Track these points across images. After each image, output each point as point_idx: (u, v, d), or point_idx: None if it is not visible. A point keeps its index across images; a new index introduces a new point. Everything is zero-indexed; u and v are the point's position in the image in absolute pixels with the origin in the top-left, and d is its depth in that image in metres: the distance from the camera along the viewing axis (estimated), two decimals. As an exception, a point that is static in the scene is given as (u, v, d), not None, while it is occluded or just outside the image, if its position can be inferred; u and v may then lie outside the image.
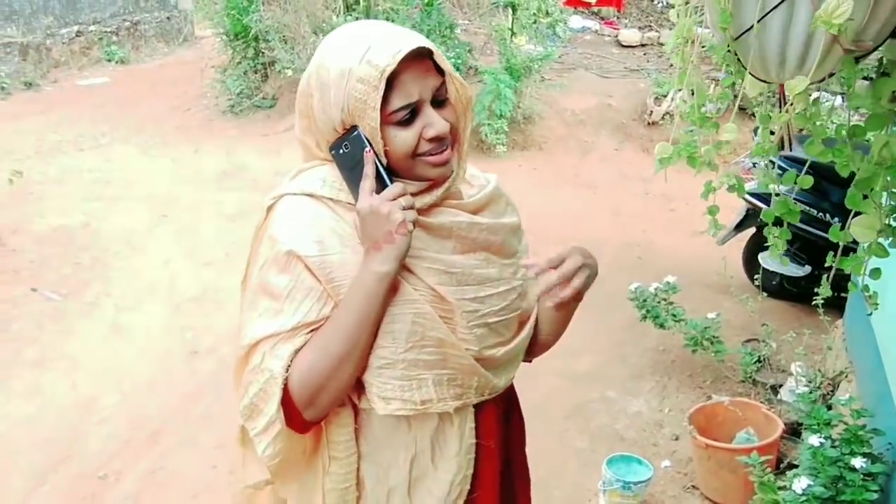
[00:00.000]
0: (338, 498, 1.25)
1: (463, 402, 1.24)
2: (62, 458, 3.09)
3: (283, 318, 1.16)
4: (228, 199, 5.92)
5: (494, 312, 1.25)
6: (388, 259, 1.13)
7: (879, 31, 1.13)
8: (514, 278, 1.30)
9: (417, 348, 1.18)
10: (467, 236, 1.23)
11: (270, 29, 7.81)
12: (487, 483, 1.33)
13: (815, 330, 3.36)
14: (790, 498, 2.23)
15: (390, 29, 1.17)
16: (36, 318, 4.14)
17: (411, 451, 1.25)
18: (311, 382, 1.14)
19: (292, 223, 1.19)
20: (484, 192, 1.29)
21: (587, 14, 10.51)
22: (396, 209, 1.12)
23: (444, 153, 1.18)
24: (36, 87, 8.95)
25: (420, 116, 1.15)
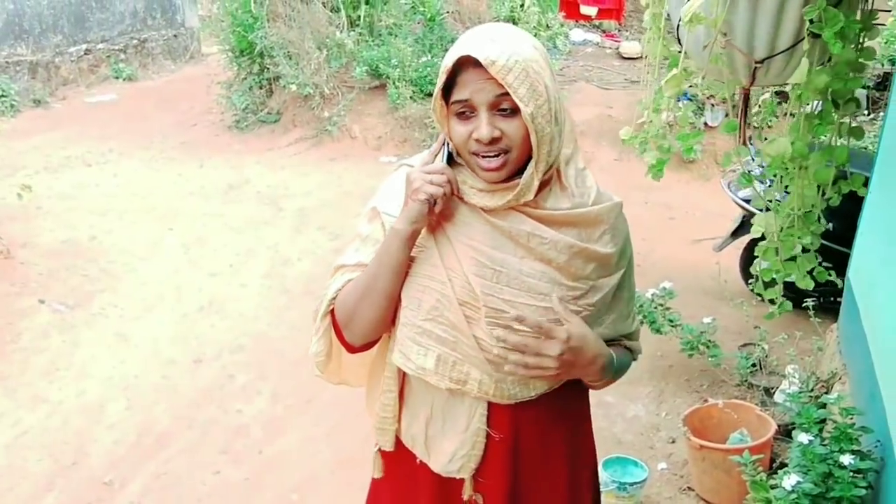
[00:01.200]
0: (381, 423, 1.44)
1: (462, 389, 1.32)
2: (69, 464, 3.15)
3: (352, 255, 1.41)
4: (233, 212, 6.01)
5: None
6: (401, 219, 1.30)
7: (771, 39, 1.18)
8: (570, 301, 1.31)
9: (434, 322, 1.31)
10: (525, 244, 1.29)
11: (275, 45, 7.92)
12: (500, 474, 1.39)
13: (808, 333, 3.40)
14: (780, 495, 2.27)
15: (487, 34, 1.25)
16: (44, 328, 4.21)
17: (427, 412, 1.40)
18: (342, 307, 1.38)
19: (388, 187, 1.42)
20: (576, 211, 1.32)
21: (588, 27, 10.61)
22: (420, 178, 1.28)
23: (494, 161, 1.26)
24: (45, 105, 9.08)
25: (476, 117, 1.26)
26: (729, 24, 1.19)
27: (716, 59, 1.25)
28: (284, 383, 3.72)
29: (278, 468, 3.13)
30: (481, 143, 1.25)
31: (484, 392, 1.32)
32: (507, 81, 1.20)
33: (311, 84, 7.79)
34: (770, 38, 1.22)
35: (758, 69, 1.19)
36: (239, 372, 3.84)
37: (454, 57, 1.24)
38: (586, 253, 1.31)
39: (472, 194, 1.31)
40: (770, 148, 1.32)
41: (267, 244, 5.39)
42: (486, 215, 1.30)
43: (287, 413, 3.51)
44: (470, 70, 1.23)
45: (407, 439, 1.43)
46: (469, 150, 1.28)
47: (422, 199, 1.27)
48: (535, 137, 1.24)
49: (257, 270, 4.99)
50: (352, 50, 8.04)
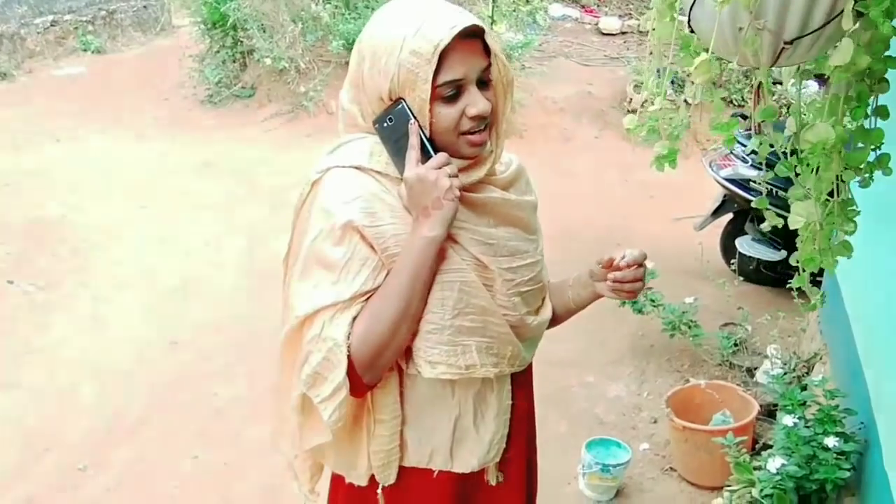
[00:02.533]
0: (383, 458, 1.30)
1: (499, 370, 1.30)
2: (42, 450, 3.07)
3: (341, 288, 1.19)
4: (207, 190, 5.88)
5: (525, 282, 1.32)
6: (436, 224, 1.19)
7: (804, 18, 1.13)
8: (537, 252, 1.38)
9: (462, 315, 1.24)
10: (500, 211, 1.31)
11: (249, 17, 7.73)
12: (518, 442, 1.41)
13: (790, 313, 3.41)
14: (765, 477, 2.28)
15: (445, 5, 1.21)
16: (13, 310, 4.10)
17: (454, 413, 1.31)
18: (369, 348, 1.19)
19: (345, 195, 1.22)
20: (511, 170, 1.37)
21: (567, 2, 10.51)
22: (443, 176, 1.18)
23: (482, 134, 1.24)
24: (10, 78, 8.80)
25: (464, 95, 1.20)
26: (761, 3, 1.13)
27: (749, 41, 1.18)
28: (262, 365, 3.65)
29: (258, 453, 3.07)
30: (476, 119, 1.20)
31: (518, 364, 1.34)
32: (494, 49, 1.21)
33: (286, 58, 7.63)
34: (803, 17, 1.16)
35: (784, 50, 1.14)
36: (215, 354, 3.77)
37: (451, 32, 1.14)
38: (532, 204, 1.39)
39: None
40: (810, 134, 1.27)
41: (242, 222, 5.29)
42: (465, 194, 1.26)
43: (265, 396, 3.44)
44: (458, 47, 1.17)
45: (421, 458, 1.33)
46: (460, 130, 1.22)
47: (457, 194, 1.20)
48: (508, 105, 1.27)
49: (233, 249, 4.90)
50: (328, 23, 7.88)
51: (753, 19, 1.09)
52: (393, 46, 1.17)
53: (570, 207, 5.70)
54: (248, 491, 2.87)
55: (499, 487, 1.40)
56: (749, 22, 1.10)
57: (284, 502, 2.81)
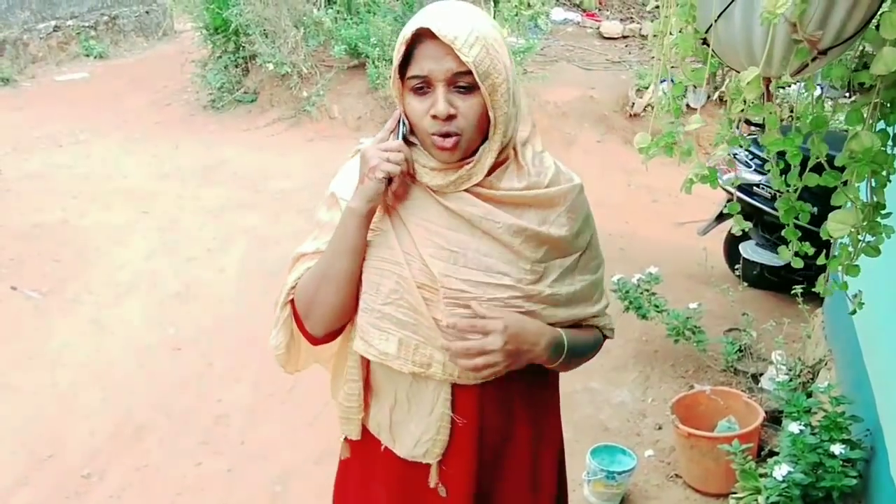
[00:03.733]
0: (345, 413, 1.42)
1: (426, 372, 1.30)
2: (45, 456, 3.06)
3: (310, 243, 1.38)
4: (210, 195, 5.88)
5: (483, 299, 1.27)
6: (357, 197, 1.28)
7: (841, 28, 1.13)
8: (528, 283, 1.29)
9: (395, 305, 1.29)
10: (479, 226, 1.27)
11: (251, 22, 7.75)
12: (459, 459, 1.37)
13: (794, 319, 3.40)
14: (771, 485, 2.26)
15: (447, 9, 1.21)
16: (15, 316, 4.09)
17: (391, 398, 1.38)
18: (299, 297, 1.35)
19: (346, 172, 1.39)
20: (532, 192, 1.29)
21: (569, 6, 10.53)
22: (376, 156, 1.25)
23: (448, 140, 1.22)
24: (13, 84, 8.83)
25: (430, 95, 1.21)
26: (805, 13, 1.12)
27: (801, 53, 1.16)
28: (265, 371, 3.65)
29: (260, 459, 3.07)
30: (437, 120, 1.21)
31: (449, 374, 1.30)
32: (468, 59, 1.17)
33: (288, 63, 7.64)
34: (840, 28, 1.15)
35: (816, 59, 1.13)
36: (218, 359, 3.76)
37: (413, 28, 1.19)
38: (538, 237, 1.29)
39: (424, 174, 1.29)
40: (855, 143, 1.26)
41: (245, 227, 5.29)
42: (440, 198, 1.28)
43: (268, 402, 3.45)
44: (428, 44, 1.19)
45: (373, 426, 1.42)
46: (426, 129, 1.24)
47: (379, 176, 1.24)
48: (493, 115, 1.22)
49: (235, 255, 4.89)
50: (330, 28, 7.89)
51: (802, 31, 1.07)
52: (400, 36, 1.23)
53: (573, 212, 5.70)
54: (251, 497, 2.86)
55: (447, 500, 1.38)
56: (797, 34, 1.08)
57: (288, 509, 2.81)
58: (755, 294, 4.18)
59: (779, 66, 1.16)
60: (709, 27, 1.23)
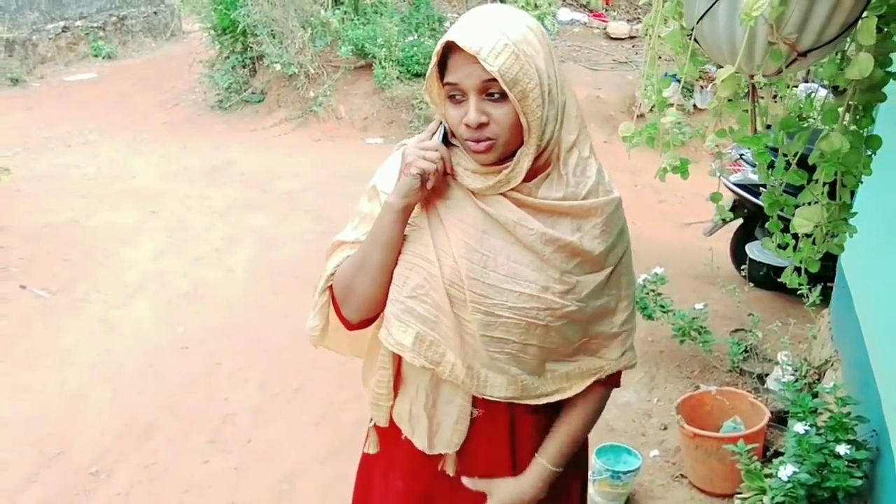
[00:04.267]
0: (374, 399, 1.46)
1: (436, 369, 1.33)
2: (53, 454, 3.09)
3: (350, 232, 1.42)
4: (217, 195, 5.91)
5: (505, 307, 1.28)
6: (394, 192, 1.31)
7: (820, 31, 1.14)
8: (555, 294, 1.29)
9: (418, 300, 1.32)
10: (513, 232, 1.28)
11: (258, 23, 7.78)
12: (478, 456, 1.41)
13: (801, 320, 3.40)
14: (776, 485, 2.26)
15: (481, 17, 1.23)
16: (25, 315, 4.12)
17: (413, 390, 1.42)
18: (339, 282, 1.40)
19: (388, 166, 1.41)
20: (566, 203, 1.29)
21: (576, 6, 10.52)
22: (414, 153, 1.28)
23: (481, 144, 1.25)
24: (22, 84, 8.89)
25: (465, 103, 1.24)
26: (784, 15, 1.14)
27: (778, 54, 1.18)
28: (272, 371, 3.67)
29: (267, 457, 3.09)
30: (469, 128, 1.24)
31: (455, 377, 1.32)
32: (493, 67, 1.17)
33: (295, 63, 7.67)
34: (820, 30, 1.17)
35: (796, 60, 1.15)
36: (226, 359, 3.78)
37: (442, 42, 1.23)
38: (571, 248, 1.29)
39: (465, 175, 1.31)
40: (825, 144, 1.28)
41: (252, 228, 5.31)
42: (478, 201, 1.29)
43: (275, 401, 3.47)
44: (458, 55, 1.21)
45: (396, 415, 1.46)
46: (461, 135, 1.27)
47: (414, 173, 1.27)
48: (525, 121, 1.22)
49: (243, 255, 4.92)
50: (337, 29, 7.92)
51: (778, 33, 1.09)
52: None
53: (579, 212, 5.71)
54: (258, 496, 2.88)
55: (469, 491, 1.43)
56: (773, 36, 1.10)
57: (295, 506, 2.82)
58: (761, 295, 4.18)
59: (760, 66, 1.17)
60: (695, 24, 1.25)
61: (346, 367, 3.72)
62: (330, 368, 3.65)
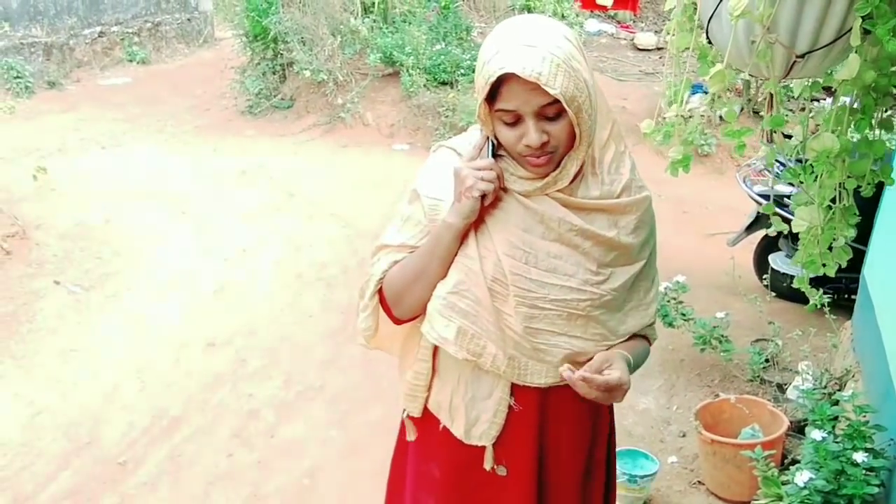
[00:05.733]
0: (410, 391, 1.52)
1: (478, 361, 1.38)
2: (83, 444, 3.18)
3: (395, 235, 1.47)
4: (246, 198, 6.02)
5: (547, 300, 1.35)
6: (454, 213, 1.36)
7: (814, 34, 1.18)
8: (592, 285, 1.36)
9: (459, 295, 1.38)
10: (556, 229, 1.35)
11: (289, 30, 7.91)
12: (516, 446, 1.45)
13: (822, 330, 3.39)
14: (792, 491, 2.27)
15: (525, 38, 1.24)
16: (59, 309, 4.24)
17: (455, 380, 1.47)
18: (391, 289, 1.46)
19: (428, 169, 1.47)
20: (604, 201, 1.36)
21: (603, 17, 10.55)
22: (472, 176, 1.32)
23: (541, 159, 1.32)
24: (59, 87, 9.10)
25: (521, 125, 1.29)
26: (774, 18, 1.19)
27: (762, 54, 1.24)
28: (296, 369, 3.75)
29: (290, 453, 3.15)
30: (531, 147, 1.29)
31: (496, 367, 1.38)
32: (556, 90, 1.22)
33: (324, 70, 7.79)
34: (814, 33, 1.22)
35: (796, 63, 1.20)
36: (251, 356, 3.86)
37: (496, 72, 1.23)
38: (609, 243, 1.37)
39: (513, 181, 1.37)
40: (816, 143, 1.33)
41: (279, 230, 5.41)
42: (522, 199, 1.36)
43: (298, 399, 3.53)
44: (515, 81, 1.24)
45: (433, 405, 1.51)
46: (518, 153, 1.33)
47: (475, 195, 1.32)
48: (579, 131, 1.29)
49: (270, 256, 5.01)
50: (366, 37, 8.03)
51: (766, 33, 1.14)
52: (480, 66, 1.30)
53: (603, 221, 5.73)
54: (280, 489, 2.94)
55: (504, 481, 1.48)
56: (762, 35, 1.15)
57: (315, 498, 2.88)
58: (784, 306, 4.17)
59: (768, 69, 1.21)
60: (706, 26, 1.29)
61: (367, 368, 3.80)
62: (352, 368, 3.71)
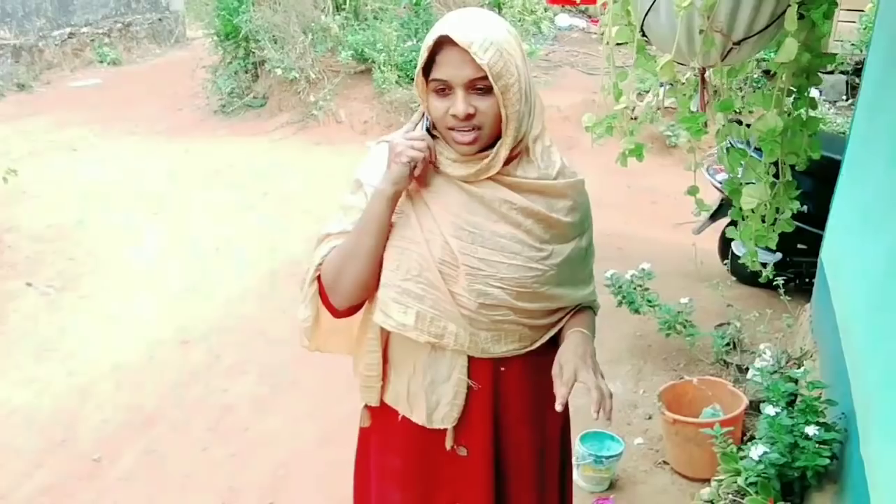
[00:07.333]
0: (364, 381, 1.56)
1: (440, 343, 1.44)
2: (59, 441, 3.20)
3: (336, 224, 1.50)
4: (219, 196, 6.04)
5: (497, 278, 1.41)
6: (384, 180, 1.40)
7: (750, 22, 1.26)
8: (536, 261, 1.43)
9: (414, 281, 1.42)
10: (498, 209, 1.41)
11: (261, 29, 7.92)
12: (476, 426, 1.51)
13: (780, 312, 3.49)
14: (749, 465, 2.36)
15: (465, 16, 1.34)
16: (32, 310, 4.24)
17: (410, 369, 1.52)
18: (328, 270, 1.48)
19: (370, 160, 1.51)
20: (542, 182, 1.44)
21: (574, 12, 10.65)
22: (402, 143, 1.38)
23: (467, 135, 1.36)
24: (29, 89, 9.03)
25: (451, 96, 1.34)
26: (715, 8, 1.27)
27: (708, 42, 1.32)
28: (270, 364, 3.78)
29: (265, 445, 3.19)
30: (457, 119, 1.35)
31: (460, 345, 1.44)
32: (484, 61, 1.29)
33: (296, 68, 7.80)
34: (750, 21, 1.29)
35: (732, 49, 1.28)
36: (225, 353, 3.89)
37: (434, 37, 1.32)
38: (548, 220, 1.45)
39: (447, 164, 1.43)
40: (760, 123, 1.41)
41: (253, 228, 5.43)
42: (462, 184, 1.42)
43: (273, 392, 3.57)
44: (449, 50, 1.32)
45: (390, 397, 1.55)
46: (445, 125, 1.37)
47: (404, 161, 1.37)
48: (506, 114, 1.35)
49: (243, 254, 5.03)
50: (337, 34, 8.06)
51: (709, 23, 1.21)
52: (426, 38, 1.36)
53: (573, 213, 5.81)
54: (254, 480, 2.98)
55: (465, 461, 1.53)
56: (708, 25, 1.22)
57: (290, 489, 2.93)
58: (748, 291, 4.28)
59: (705, 56, 1.29)
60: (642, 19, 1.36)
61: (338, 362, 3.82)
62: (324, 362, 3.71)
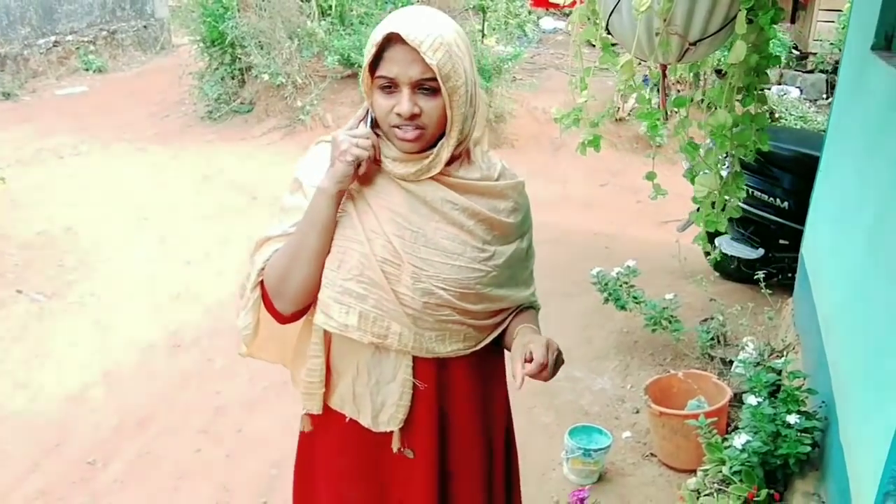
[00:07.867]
0: (306, 388, 1.51)
1: (384, 343, 1.42)
2: (51, 446, 3.22)
3: (278, 226, 1.46)
4: (207, 202, 6.06)
5: (440, 279, 1.40)
6: (327, 178, 1.38)
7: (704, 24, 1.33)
8: (479, 262, 1.43)
9: (355, 281, 1.40)
10: (440, 209, 1.40)
11: (246, 35, 7.94)
12: (422, 427, 1.50)
13: (763, 306, 3.56)
14: (732, 454, 2.42)
15: (416, 14, 1.32)
16: (22, 318, 4.25)
17: (353, 371, 1.49)
18: (272, 274, 1.44)
19: (308, 159, 1.49)
20: (484, 183, 1.44)
21: (559, 15, 10.74)
22: (346, 141, 1.36)
23: (410, 133, 1.35)
24: (14, 98, 9.01)
25: (397, 94, 1.33)
26: (672, 12, 1.34)
27: (664, 43, 1.39)
28: (262, 366, 3.77)
29: (257, 446, 3.23)
30: (401, 118, 1.34)
31: (404, 345, 1.42)
32: (432, 62, 1.29)
33: (283, 73, 7.83)
34: (704, 23, 1.36)
35: (689, 50, 1.34)
36: (217, 356, 3.92)
37: (383, 33, 1.30)
38: (490, 221, 1.44)
39: (388, 162, 1.41)
40: (713, 119, 1.49)
41: (242, 233, 5.45)
42: (403, 184, 1.40)
43: (265, 394, 3.61)
44: (397, 48, 1.30)
45: (335, 401, 1.52)
46: (389, 123, 1.36)
47: (349, 160, 1.35)
48: (451, 114, 1.35)
49: (233, 259, 5.05)
50: (323, 39, 8.09)
51: (666, 25, 1.27)
52: (373, 33, 1.34)
53: (561, 213, 5.88)
54: (247, 480, 3.02)
55: (411, 463, 1.52)
56: (663, 28, 1.28)
57: (283, 488, 2.95)
58: (732, 287, 4.36)
59: (656, 54, 1.35)
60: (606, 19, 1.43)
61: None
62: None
